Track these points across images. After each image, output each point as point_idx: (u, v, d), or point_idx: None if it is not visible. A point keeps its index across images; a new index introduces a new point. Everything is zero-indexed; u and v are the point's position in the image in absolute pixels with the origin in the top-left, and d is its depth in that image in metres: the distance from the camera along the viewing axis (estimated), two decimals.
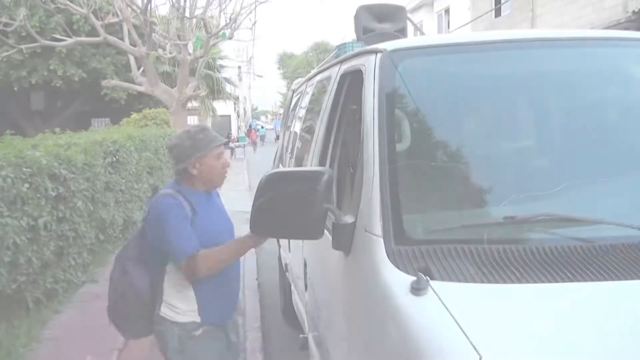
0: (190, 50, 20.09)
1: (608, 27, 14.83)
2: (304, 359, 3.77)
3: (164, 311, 3.05)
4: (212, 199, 3.19)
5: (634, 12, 14.70)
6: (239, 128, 54.73)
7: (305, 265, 3.65)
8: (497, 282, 1.81)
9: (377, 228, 2.11)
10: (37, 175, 5.22)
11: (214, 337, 3.12)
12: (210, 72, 30.48)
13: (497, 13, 22.89)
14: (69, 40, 18.51)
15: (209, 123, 38.95)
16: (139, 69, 19.89)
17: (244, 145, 38.02)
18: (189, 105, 24.32)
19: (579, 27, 16.78)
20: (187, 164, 2.99)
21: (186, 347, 3.04)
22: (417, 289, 1.77)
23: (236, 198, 12.02)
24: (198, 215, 2.99)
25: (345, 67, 3.30)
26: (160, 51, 19.31)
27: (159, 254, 3.00)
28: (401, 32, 4.68)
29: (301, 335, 3.83)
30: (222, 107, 39.83)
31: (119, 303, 3.10)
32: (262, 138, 52.27)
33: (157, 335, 3.13)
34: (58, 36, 18.92)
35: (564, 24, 17.82)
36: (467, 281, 1.82)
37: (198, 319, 3.06)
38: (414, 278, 1.81)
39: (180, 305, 3.04)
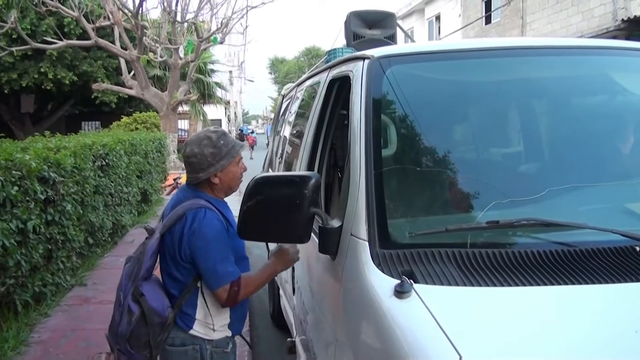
0: (181, 54, 20.15)
1: (597, 36, 14.96)
2: None
3: (198, 329, 2.89)
4: (228, 205, 3.04)
5: (623, 20, 14.83)
6: (229, 132, 54.54)
7: (293, 269, 3.67)
8: (480, 285, 1.84)
9: (363, 232, 2.13)
10: (27, 178, 5.21)
11: (235, 351, 3.06)
12: (201, 76, 30.53)
13: (488, 20, 23.03)
14: (60, 43, 18.50)
15: (199, 127, 38.99)
16: (129, 72, 19.91)
17: None
18: (180, 109, 24.34)
19: (568, 35, 16.91)
20: (209, 173, 2.84)
21: None
22: (400, 292, 1.80)
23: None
24: (232, 226, 2.86)
25: (333, 72, 3.33)
26: (151, 55, 19.35)
27: (191, 271, 2.83)
28: (391, 39, 4.72)
29: (288, 339, 3.85)
30: (213, 111, 39.87)
31: (137, 329, 2.77)
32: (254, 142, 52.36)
33: (182, 355, 2.89)
34: (49, 39, 18.89)
35: (553, 32, 17.95)
36: (450, 284, 1.85)
37: (230, 333, 2.99)
38: (398, 281, 1.84)
39: (214, 322, 2.90)
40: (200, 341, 2.89)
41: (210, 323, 2.90)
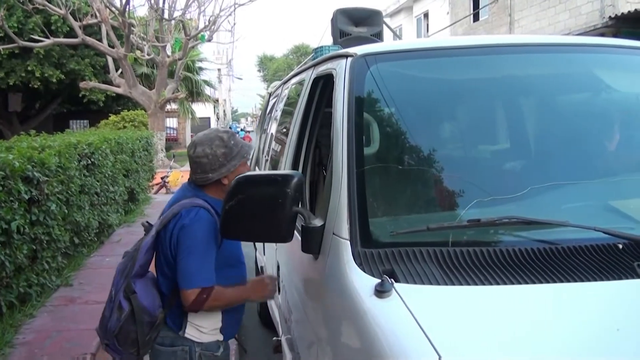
0: (169, 52, 20.08)
1: (585, 33, 15.02)
2: None
3: (188, 331, 2.87)
4: None
5: (610, 17, 14.89)
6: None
7: (278, 268, 3.65)
8: (460, 284, 1.83)
9: (344, 231, 2.12)
10: (10, 178, 5.16)
11: (227, 355, 3.03)
12: (189, 74, 30.41)
13: (476, 18, 23.06)
14: (47, 41, 18.40)
15: (188, 125, 38.84)
16: (117, 70, 19.82)
17: None
18: (168, 107, 24.25)
19: (556, 32, 16.96)
20: (220, 173, 2.81)
21: None
22: (381, 292, 1.79)
23: None
24: None
25: (317, 70, 3.31)
26: (138, 53, 19.26)
27: None
28: (377, 36, 4.70)
29: (274, 338, 3.84)
30: (202, 110, 39.74)
31: (126, 326, 2.75)
32: None
33: (171, 355, 2.87)
34: (36, 37, 18.76)
35: (541, 29, 18.00)
36: (431, 283, 1.84)
37: (221, 337, 2.96)
38: (379, 281, 1.83)
39: (205, 324, 2.88)
40: (189, 343, 2.87)
41: (201, 326, 2.87)
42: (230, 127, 54.07)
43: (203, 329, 2.88)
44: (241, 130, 57.62)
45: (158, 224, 2.84)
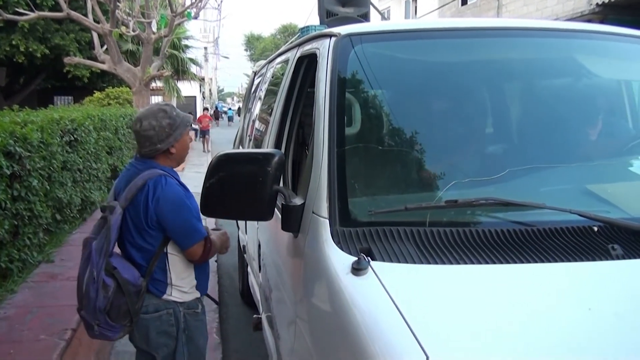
0: (154, 29, 19.84)
1: (572, 19, 15.05)
2: (259, 339, 3.80)
3: (171, 293, 3.08)
4: (177, 173, 3.19)
5: (597, 4, 14.92)
6: (205, 109, 53.46)
7: (259, 246, 3.67)
8: (436, 263, 1.85)
9: (324, 210, 2.13)
10: None
11: (205, 312, 3.27)
12: (175, 52, 30.07)
13: (464, 1, 23.03)
14: (32, 15, 18.08)
15: (173, 104, 38.52)
16: (102, 46, 19.58)
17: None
18: (153, 85, 24.02)
19: (543, 17, 16.99)
20: (168, 143, 3.01)
21: (190, 324, 3.13)
22: (357, 269, 1.81)
23: (198, 179, 11.96)
24: (187, 190, 3.07)
25: (302, 50, 3.31)
26: (123, 29, 18.99)
27: (157, 238, 3.00)
28: (364, 17, 4.69)
29: (255, 316, 3.86)
30: (187, 88, 39.38)
31: (116, 301, 2.90)
32: (231, 119, 52.82)
33: (156, 321, 3.07)
34: (21, 10, 18.44)
35: (529, 14, 18.04)
36: (407, 262, 1.86)
37: (198, 294, 3.20)
38: (356, 259, 1.84)
39: (183, 284, 3.11)
40: (173, 305, 3.09)
41: (181, 287, 3.10)
42: (216, 106, 53.73)
43: (183, 288, 3.10)
44: (229, 109, 57.18)
45: (122, 201, 2.97)
